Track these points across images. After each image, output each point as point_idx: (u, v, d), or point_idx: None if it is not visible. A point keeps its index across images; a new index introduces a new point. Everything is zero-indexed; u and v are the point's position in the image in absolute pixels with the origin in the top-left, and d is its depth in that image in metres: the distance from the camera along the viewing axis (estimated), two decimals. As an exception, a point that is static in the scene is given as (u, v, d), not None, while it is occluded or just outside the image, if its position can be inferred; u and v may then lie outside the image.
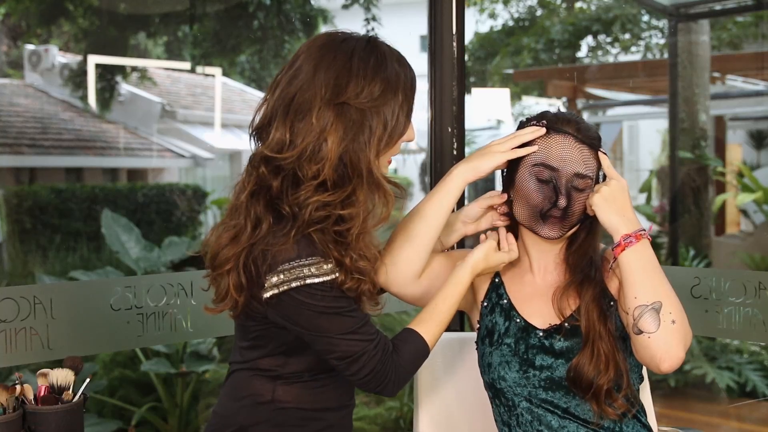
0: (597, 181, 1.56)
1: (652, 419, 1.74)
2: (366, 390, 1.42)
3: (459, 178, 1.54)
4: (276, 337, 1.42)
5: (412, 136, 1.44)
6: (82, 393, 1.57)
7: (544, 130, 1.54)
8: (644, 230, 1.46)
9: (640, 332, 1.41)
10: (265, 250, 1.33)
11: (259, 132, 1.41)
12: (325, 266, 1.33)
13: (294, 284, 1.32)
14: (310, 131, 1.33)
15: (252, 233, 1.35)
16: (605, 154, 1.56)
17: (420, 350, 1.46)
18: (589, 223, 1.58)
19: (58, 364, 1.60)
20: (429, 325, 1.48)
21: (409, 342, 1.45)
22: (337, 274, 1.34)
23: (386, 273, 1.53)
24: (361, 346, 1.37)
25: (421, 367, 1.86)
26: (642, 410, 1.60)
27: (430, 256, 1.59)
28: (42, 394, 1.54)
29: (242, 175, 1.41)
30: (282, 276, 1.32)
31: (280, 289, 1.33)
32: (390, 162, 1.47)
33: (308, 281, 1.32)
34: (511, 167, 1.58)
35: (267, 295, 1.34)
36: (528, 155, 1.54)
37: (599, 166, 1.55)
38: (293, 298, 1.33)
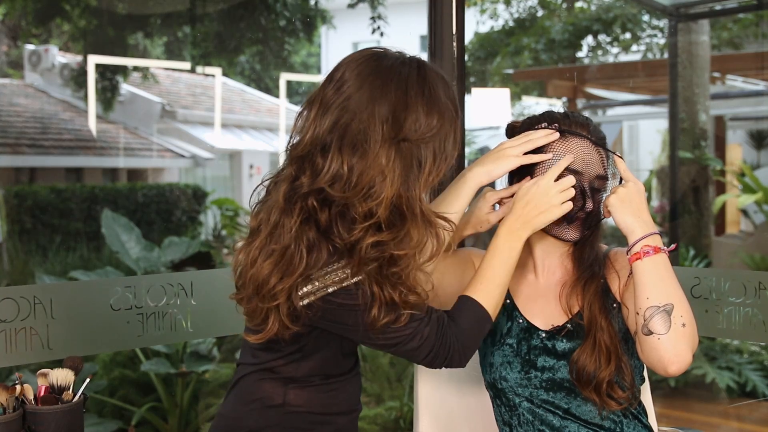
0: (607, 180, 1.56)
1: (652, 419, 1.74)
2: (434, 367, 1.39)
3: (472, 181, 1.53)
4: (293, 341, 1.40)
5: (453, 161, 1.41)
6: (82, 393, 1.56)
7: (557, 134, 1.53)
8: (658, 233, 1.45)
9: (650, 333, 1.41)
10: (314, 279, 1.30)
11: (302, 158, 1.34)
12: (354, 267, 1.30)
13: (330, 289, 1.30)
14: (369, 169, 1.28)
15: (308, 261, 1.29)
16: (621, 157, 1.55)
17: (479, 315, 1.40)
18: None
19: (58, 364, 1.60)
20: (486, 288, 1.42)
21: (465, 309, 1.41)
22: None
23: None
24: (411, 328, 1.33)
25: (421, 367, 1.86)
26: (642, 411, 1.60)
27: None
28: (42, 394, 1.53)
29: (278, 198, 1.34)
30: (317, 283, 1.30)
31: (317, 296, 1.31)
32: None
33: (345, 284, 1.30)
34: (524, 169, 1.56)
35: (304, 302, 1.31)
36: (546, 159, 1.53)
37: (608, 164, 1.56)
38: (332, 302, 1.31)
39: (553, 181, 1.46)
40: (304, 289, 1.31)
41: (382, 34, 6.92)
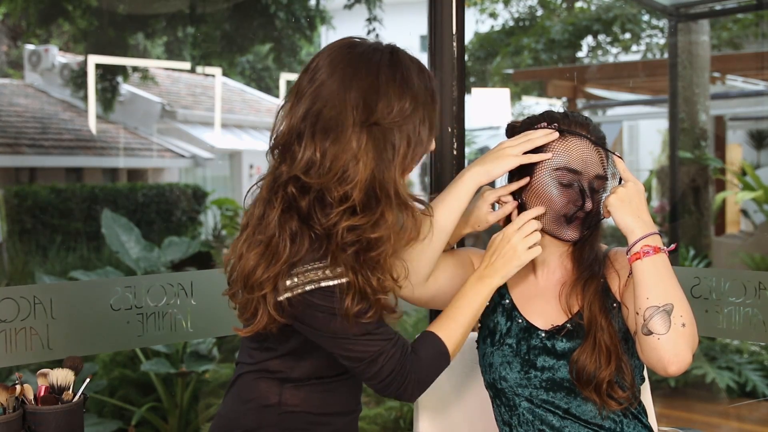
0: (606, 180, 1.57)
1: (652, 419, 1.74)
2: (386, 394, 1.38)
3: (471, 181, 1.53)
4: (286, 340, 1.41)
5: (433, 147, 1.42)
6: (82, 393, 1.57)
7: (557, 134, 1.54)
8: (658, 233, 1.46)
9: (650, 333, 1.41)
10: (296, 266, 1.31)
11: (282, 149, 1.37)
12: (338, 269, 1.31)
13: (308, 287, 1.30)
14: (342, 153, 1.30)
15: (291, 250, 1.31)
16: (620, 157, 1.56)
17: (439, 351, 1.41)
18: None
19: (58, 364, 1.60)
20: (449, 327, 1.43)
21: (427, 343, 1.41)
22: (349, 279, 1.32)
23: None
24: (379, 346, 1.34)
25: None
26: (642, 410, 1.60)
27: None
28: (42, 394, 1.54)
29: (262, 191, 1.37)
30: (296, 279, 1.31)
31: (294, 293, 1.31)
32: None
33: (322, 284, 1.30)
34: (524, 169, 1.56)
35: (281, 298, 1.32)
36: (545, 159, 1.53)
37: (607, 164, 1.56)
38: (307, 301, 1.32)
39: (516, 229, 1.48)
40: (286, 283, 1.31)
41: (377, 36, 6.93)
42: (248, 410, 1.44)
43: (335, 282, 1.30)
